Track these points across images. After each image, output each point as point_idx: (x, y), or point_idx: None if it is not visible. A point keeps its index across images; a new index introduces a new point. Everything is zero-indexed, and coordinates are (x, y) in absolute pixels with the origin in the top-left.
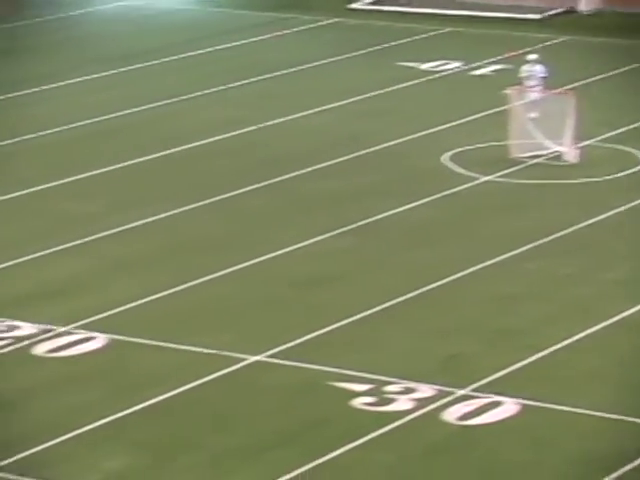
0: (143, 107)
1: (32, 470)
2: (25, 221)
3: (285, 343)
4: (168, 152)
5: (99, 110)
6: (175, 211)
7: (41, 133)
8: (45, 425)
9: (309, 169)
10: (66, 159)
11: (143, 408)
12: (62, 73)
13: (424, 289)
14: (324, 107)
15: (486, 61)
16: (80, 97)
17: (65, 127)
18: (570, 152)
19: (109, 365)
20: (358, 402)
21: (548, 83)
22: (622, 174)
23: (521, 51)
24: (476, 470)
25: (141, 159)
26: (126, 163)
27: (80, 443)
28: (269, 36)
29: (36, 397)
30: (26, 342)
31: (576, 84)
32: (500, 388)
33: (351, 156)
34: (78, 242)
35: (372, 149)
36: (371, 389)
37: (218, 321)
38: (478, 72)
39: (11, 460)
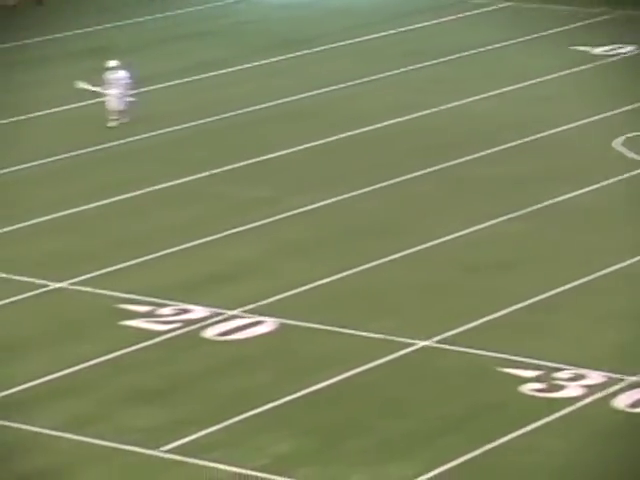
0: (318, 91)
1: (199, 453)
2: (197, 205)
3: (454, 328)
4: (341, 136)
5: (274, 94)
6: (346, 195)
7: (216, 117)
8: (213, 408)
9: (481, 154)
10: (240, 143)
11: (311, 392)
12: (238, 58)
13: (594, 275)
14: (497, 91)
15: None
16: (256, 82)
17: (240, 111)
18: None
19: (278, 349)
20: (527, 388)
21: None
22: None
23: None
24: None
25: (314, 143)
26: (300, 147)
27: (247, 427)
28: (446, 19)
29: (205, 380)
30: (196, 325)
31: None
32: None
33: (523, 141)
34: (250, 226)
35: (544, 134)
36: (540, 375)
37: (387, 306)
38: None
39: (179, 443)
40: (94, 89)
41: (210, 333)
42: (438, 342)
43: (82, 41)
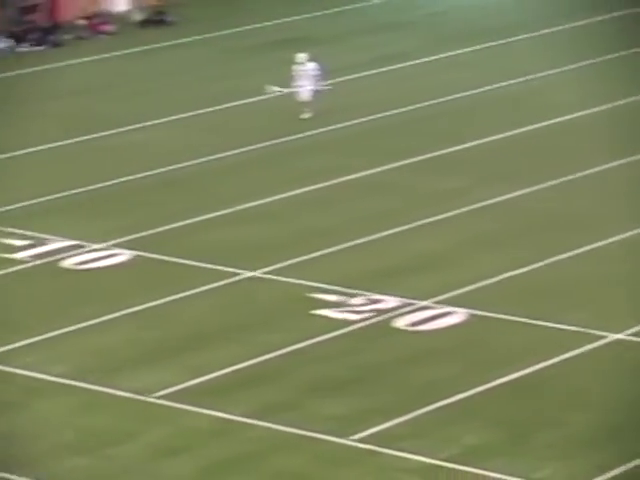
0: (506, 82)
1: (388, 443)
2: (387, 196)
3: None
4: (529, 128)
5: (460, 87)
6: (537, 187)
7: (406, 109)
8: (402, 399)
9: None
10: (430, 134)
11: (500, 384)
12: (428, 49)
13: None
14: None
15: None
16: (445, 73)
17: (430, 102)
18: None
19: (468, 340)
20: None
21: None
22: None
23: None
24: None
25: (506, 134)
26: (491, 138)
27: (436, 418)
28: (621, 14)
29: (395, 370)
30: (387, 315)
31: None
32: None
33: None
34: (441, 217)
35: None
36: None
37: (578, 298)
38: None
39: (368, 432)
40: (283, 90)
41: (401, 323)
42: (631, 335)
43: (278, 32)
